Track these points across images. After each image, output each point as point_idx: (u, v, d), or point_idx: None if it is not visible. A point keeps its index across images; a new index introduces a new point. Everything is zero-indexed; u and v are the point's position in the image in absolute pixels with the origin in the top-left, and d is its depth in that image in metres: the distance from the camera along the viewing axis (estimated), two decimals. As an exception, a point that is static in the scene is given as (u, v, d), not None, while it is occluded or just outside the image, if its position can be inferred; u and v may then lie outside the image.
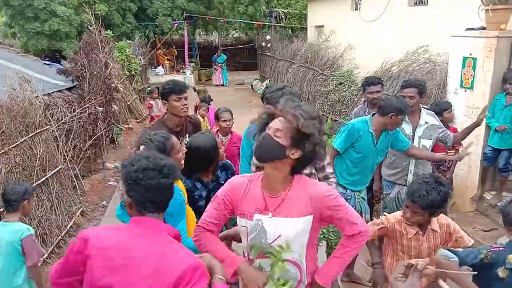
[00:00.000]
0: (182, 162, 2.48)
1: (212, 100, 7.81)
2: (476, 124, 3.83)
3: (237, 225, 2.00)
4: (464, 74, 4.96)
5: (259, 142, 1.78)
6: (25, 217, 4.29)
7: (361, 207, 3.62)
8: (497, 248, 2.27)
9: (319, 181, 2.87)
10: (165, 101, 3.34)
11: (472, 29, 4.89)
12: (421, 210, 2.39)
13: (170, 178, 1.58)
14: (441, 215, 2.58)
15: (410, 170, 3.77)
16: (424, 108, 3.88)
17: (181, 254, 1.52)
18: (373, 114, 3.46)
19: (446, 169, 4.41)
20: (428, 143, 3.77)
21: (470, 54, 4.84)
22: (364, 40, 9.02)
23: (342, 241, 1.92)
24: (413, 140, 3.72)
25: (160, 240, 1.54)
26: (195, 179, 2.85)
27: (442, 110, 4.21)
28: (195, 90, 8.20)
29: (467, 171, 5.08)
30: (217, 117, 4.54)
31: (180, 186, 2.36)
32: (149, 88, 9.91)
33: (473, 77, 4.83)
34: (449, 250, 2.30)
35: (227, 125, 4.38)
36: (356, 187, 3.59)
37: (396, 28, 7.91)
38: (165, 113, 3.48)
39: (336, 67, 9.68)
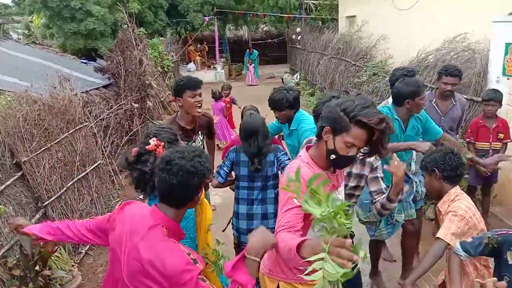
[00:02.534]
0: None
1: (222, 96, 7.90)
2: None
3: None
4: (507, 61, 4.74)
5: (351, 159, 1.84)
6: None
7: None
8: (506, 232, 2.15)
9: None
10: (179, 98, 3.20)
11: (516, 13, 4.66)
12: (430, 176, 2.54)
13: (202, 179, 1.66)
14: (453, 205, 2.43)
15: (413, 158, 3.57)
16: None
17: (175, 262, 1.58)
18: (393, 102, 3.29)
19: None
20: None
21: (514, 40, 4.62)
22: (398, 30, 8.77)
23: None
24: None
25: (154, 238, 1.63)
26: None
27: (495, 99, 4.07)
28: (213, 94, 7.94)
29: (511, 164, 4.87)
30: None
31: None
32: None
33: (517, 64, 4.61)
34: (461, 244, 2.22)
35: None
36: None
37: (432, 16, 7.64)
38: (177, 112, 3.37)
39: (369, 57, 9.48)
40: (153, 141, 2.17)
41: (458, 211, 2.36)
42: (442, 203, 2.50)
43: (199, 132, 3.48)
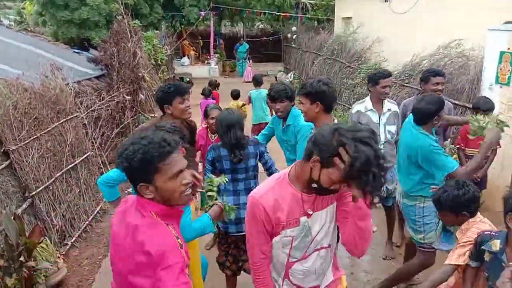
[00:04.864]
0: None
1: (211, 93, 7.82)
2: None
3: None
4: (501, 69, 4.79)
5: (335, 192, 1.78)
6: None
7: None
8: (489, 232, 2.27)
9: None
10: (168, 105, 3.11)
11: (511, 22, 4.70)
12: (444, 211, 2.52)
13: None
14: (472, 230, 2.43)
15: None
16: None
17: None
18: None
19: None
20: (393, 129, 4.03)
21: (508, 49, 4.66)
22: (393, 33, 8.82)
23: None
24: (379, 126, 3.97)
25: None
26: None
27: (488, 110, 4.08)
28: (203, 91, 7.74)
29: (500, 169, 4.92)
30: (206, 114, 4.29)
31: None
32: (186, 78, 9.91)
33: (510, 72, 4.65)
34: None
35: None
36: None
37: (427, 21, 7.69)
38: (161, 116, 3.29)
39: (363, 60, 9.51)
40: None
41: (471, 237, 2.39)
42: (460, 232, 2.49)
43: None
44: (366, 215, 1.71)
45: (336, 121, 2.92)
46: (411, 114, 3.48)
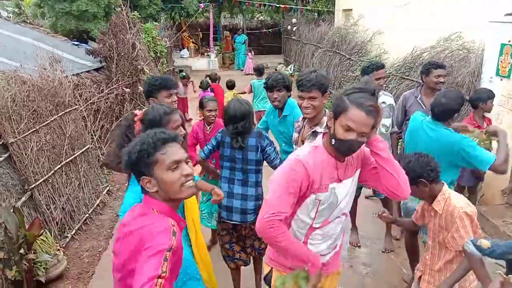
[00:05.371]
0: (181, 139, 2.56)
1: (210, 85, 7.89)
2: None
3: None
4: (501, 62, 4.76)
5: (351, 145, 1.86)
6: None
7: None
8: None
9: None
10: (153, 98, 3.04)
11: (512, 14, 4.67)
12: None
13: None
14: (454, 204, 2.42)
15: None
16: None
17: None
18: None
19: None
20: (388, 122, 3.96)
21: (509, 41, 4.63)
22: (394, 25, 8.76)
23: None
24: None
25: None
26: None
27: (488, 98, 4.07)
28: (200, 84, 7.93)
29: (499, 162, 4.92)
30: (201, 106, 4.17)
31: None
32: (182, 73, 9.88)
33: (511, 65, 4.62)
34: (473, 242, 2.20)
35: (212, 115, 4.01)
36: None
37: (428, 13, 7.64)
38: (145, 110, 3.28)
39: (364, 52, 9.47)
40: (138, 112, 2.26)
41: (467, 211, 2.35)
42: (437, 203, 2.48)
43: None
44: (387, 153, 1.93)
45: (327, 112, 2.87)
46: (416, 112, 3.46)
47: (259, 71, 7.91)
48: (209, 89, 7.76)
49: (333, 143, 1.86)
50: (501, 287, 1.33)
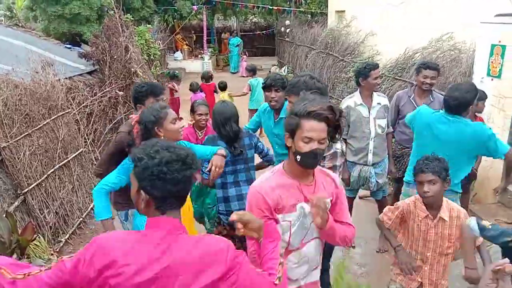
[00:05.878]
0: (181, 132, 2.61)
1: (199, 87, 7.99)
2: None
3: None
4: (492, 62, 4.81)
5: (315, 154, 1.87)
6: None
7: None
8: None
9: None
10: (140, 105, 3.01)
11: (502, 15, 4.72)
12: (435, 177, 2.40)
13: (194, 168, 1.44)
14: (457, 208, 2.48)
15: (370, 150, 3.94)
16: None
17: (219, 245, 1.45)
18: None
19: None
20: (384, 122, 4.02)
21: (499, 42, 4.67)
22: (386, 27, 8.82)
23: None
24: (369, 121, 3.95)
25: (187, 240, 1.43)
26: None
27: (480, 99, 4.10)
28: (190, 87, 8.04)
29: (491, 161, 4.96)
30: (192, 110, 4.13)
31: None
32: (176, 73, 9.88)
33: (501, 65, 4.67)
34: (477, 221, 2.27)
35: (203, 119, 4.00)
36: None
37: (420, 14, 7.70)
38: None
39: (357, 53, 9.51)
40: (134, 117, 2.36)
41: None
42: (443, 211, 2.48)
43: None
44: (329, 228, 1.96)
45: None
46: (422, 107, 3.49)
47: (253, 70, 8.27)
48: (199, 90, 7.84)
49: (298, 159, 1.87)
50: (493, 276, 1.32)
